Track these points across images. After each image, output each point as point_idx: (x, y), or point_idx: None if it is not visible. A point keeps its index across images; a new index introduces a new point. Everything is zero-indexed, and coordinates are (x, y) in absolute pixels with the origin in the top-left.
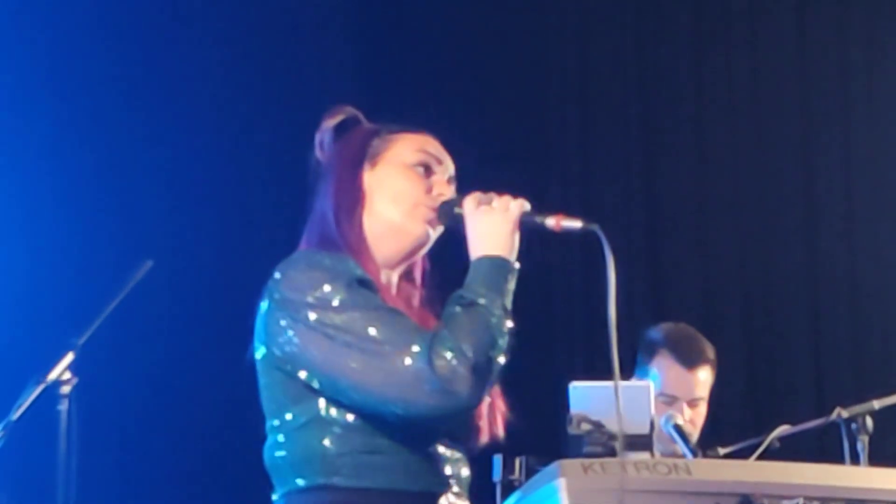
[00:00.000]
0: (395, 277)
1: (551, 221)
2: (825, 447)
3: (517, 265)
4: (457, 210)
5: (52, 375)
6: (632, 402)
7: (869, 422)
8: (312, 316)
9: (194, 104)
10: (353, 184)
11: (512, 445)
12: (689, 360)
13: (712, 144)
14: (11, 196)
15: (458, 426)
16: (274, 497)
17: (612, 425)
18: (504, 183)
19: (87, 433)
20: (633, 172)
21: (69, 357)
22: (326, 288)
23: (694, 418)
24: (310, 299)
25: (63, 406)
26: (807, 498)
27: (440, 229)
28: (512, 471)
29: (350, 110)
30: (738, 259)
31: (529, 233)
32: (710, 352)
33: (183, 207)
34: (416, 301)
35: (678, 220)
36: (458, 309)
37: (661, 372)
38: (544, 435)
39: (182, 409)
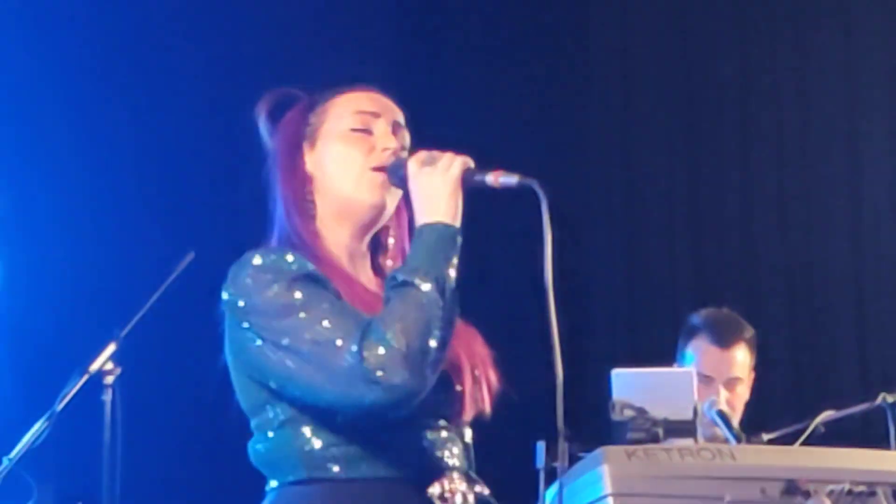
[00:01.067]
0: (363, 247)
1: (490, 178)
2: (870, 432)
3: (457, 227)
4: (402, 172)
5: (96, 366)
6: (675, 388)
7: None
8: (259, 322)
9: (234, 95)
10: (294, 172)
11: (554, 432)
12: (724, 340)
13: (757, 129)
14: (54, 188)
15: (441, 404)
16: (268, 487)
17: (655, 411)
18: (544, 174)
19: (131, 423)
20: (677, 159)
21: (112, 348)
22: (271, 292)
23: (731, 400)
24: (256, 304)
25: (107, 396)
26: (853, 482)
27: (398, 191)
28: (555, 457)
29: (281, 92)
30: (782, 244)
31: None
32: (747, 332)
33: (225, 198)
34: (387, 269)
35: (722, 207)
36: (390, 292)
37: (697, 353)
38: (587, 421)
39: (224, 400)
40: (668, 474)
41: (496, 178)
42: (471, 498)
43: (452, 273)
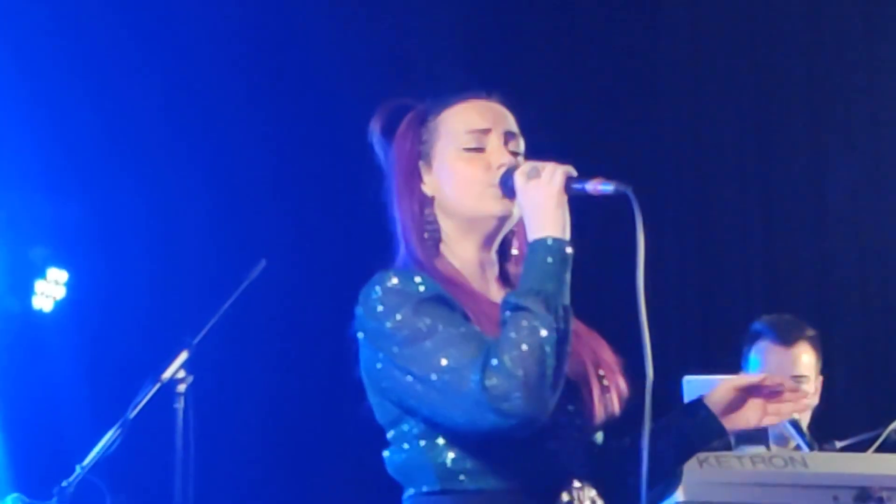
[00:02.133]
0: (492, 256)
1: (590, 186)
2: None
3: (567, 239)
4: (511, 184)
5: (168, 374)
6: None
7: None
8: (389, 347)
9: (308, 102)
10: (412, 196)
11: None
12: (786, 339)
13: (829, 132)
14: (128, 197)
15: (568, 412)
16: (404, 496)
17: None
18: (615, 175)
19: (203, 431)
20: (748, 164)
21: (184, 356)
22: (397, 316)
23: None
24: (385, 329)
25: (179, 404)
26: None
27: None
28: None
29: (394, 105)
30: (856, 250)
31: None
32: (809, 331)
33: (296, 207)
34: (514, 277)
35: (794, 212)
36: (507, 315)
37: (761, 355)
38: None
39: (295, 408)
40: (740, 481)
41: (595, 186)
42: (599, 503)
43: (565, 289)
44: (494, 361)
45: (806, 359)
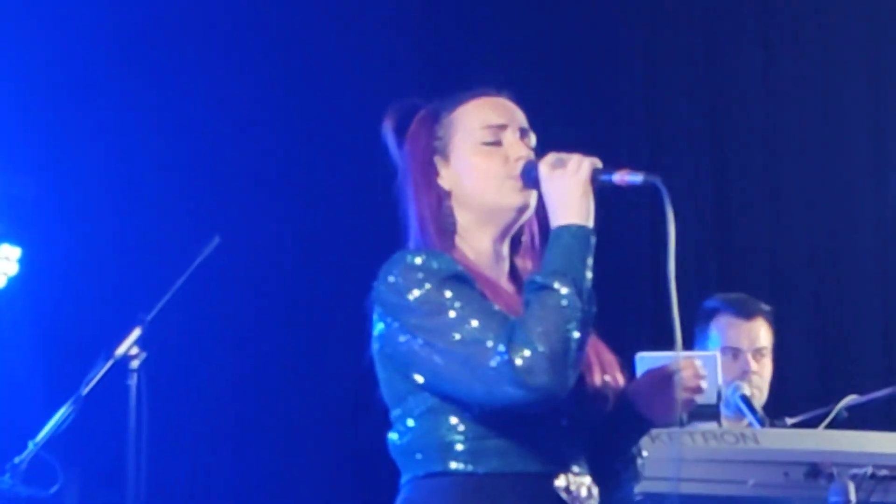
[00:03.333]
0: (505, 249)
1: (617, 177)
2: (893, 417)
3: (592, 228)
4: (534, 174)
5: (121, 350)
6: None
7: None
8: (409, 320)
9: (260, 81)
10: (429, 190)
11: None
12: (746, 312)
13: (781, 110)
14: (78, 172)
15: (570, 400)
16: (401, 481)
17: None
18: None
19: (157, 407)
20: (701, 143)
21: (137, 332)
22: (421, 290)
23: (760, 370)
24: (406, 302)
25: (132, 381)
26: (875, 466)
27: (534, 191)
28: None
29: (405, 104)
30: (808, 229)
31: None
32: (765, 307)
33: (250, 183)
34: (528, 270)
35: (746, 191)
36: (531, 295)
37: (721, 330)
38: None
39: (249, 384)
40: (692, 458)
41: (622, 178)
42: (594, 491)
43: (589, 274)
44: (521, 336)
45: (764, 332)
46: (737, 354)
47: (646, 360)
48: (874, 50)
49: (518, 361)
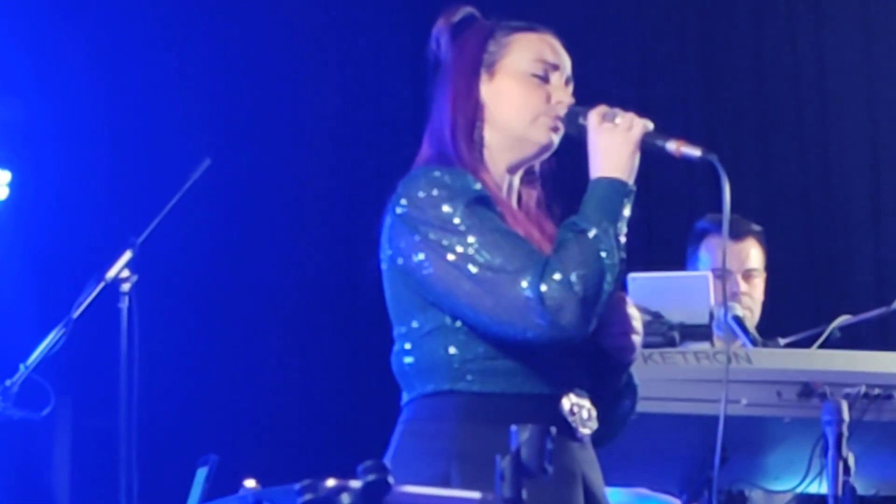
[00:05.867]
0: (516, 181)
1: (672, 146)
2: (886, 336)
3: (634, 188)
4: (581, 121)
5: (112, 273)
6: (691, 292)
7: None
8: (432, 236)
9: (249, 9)
10: (468, 98)
11: None
12: (736, 233)
13: (772, 48)
14: (68, 95)
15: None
16: (402, 401)
17: (671, 315)
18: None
19: (148, 330)
20: (692, 80)
21: (128, 255)
22: (446, 208)
23: (750, 291)
24: (429, 218)
25: (123, 304)
26: (868, 385)
27: (561, 134)
28: None
29: (467, 9)
30: (799, 153)
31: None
32: (756, 227)
33: (241, 105)
34: (534, 202)
35: (738, 118)
36: (570, 235)
37: (710, 251)
38: None
39: (240, 306)
40: (684, 378)
41: (678, 147)
42: (593, 413)
43: (624, 228)
44: (557, 275)
45: (755, 253)
46: (727, 276)
47: (638, 280)
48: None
49: (550, 297)
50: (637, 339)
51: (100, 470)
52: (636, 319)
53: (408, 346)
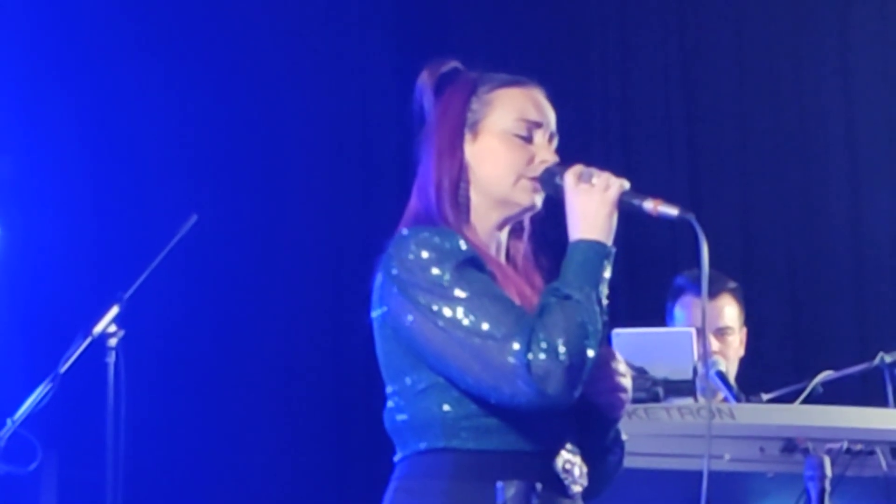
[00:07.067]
0: (504, 236)
1: (650, 205)
2: (868, 392)
3: (613, 249)
4: (557, 180)
5: (99, 328)
6: (675, 348)
7: None
8: (422, 299)
9: (235, 64)
10: (452, 159)
11: None
12: (709, 291)
13: (754, 101)
14: (57, 151)
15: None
16: (396, 458)
17: (655, 371)
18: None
19: (134, 385)
20: (675, 128)
21: (115, 310)
22: (435, 271)
23: (723, 349)
24: (419, 281)
25: (110, 359)
26: (851, 441)
27: (544, 194)
28: None
29: (450, 63)
30: (782, 206)
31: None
32: (731, 284)
33: (226, 162)
34: (521, 256)
35: (721, 170)
36: (553, 300)
37: (686, 308)
38: None
39: (226, 361)
40: (668, 433)
41: (655, 207)
42: (584, 469)
43: (606, 290)
44: (543, 344)
45: (729, 311)
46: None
47: (622, 336)
48: (844, 44)
49: (537, 366)
50: (626, 396)
51: None
52: (625, 376)
53: (400, 403)
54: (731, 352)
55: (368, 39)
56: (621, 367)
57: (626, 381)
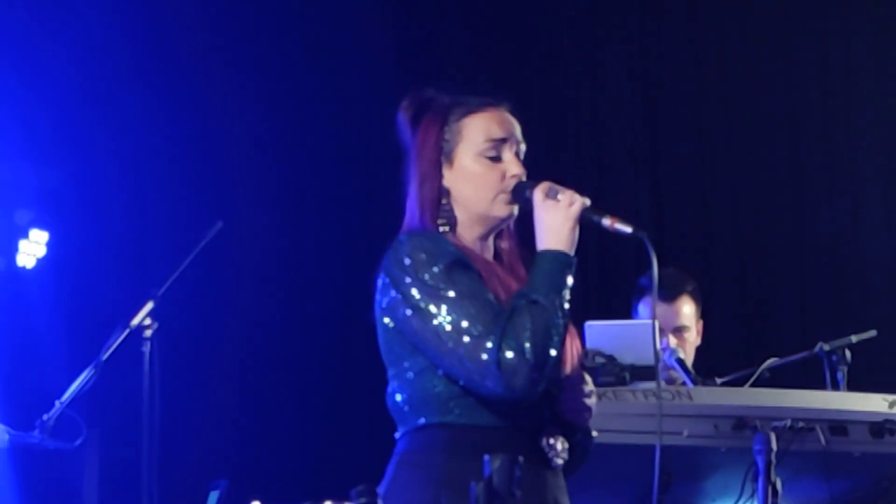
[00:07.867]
0: (490, 240)
1: (607, 221)
2: (809, 377)
3: (575, 259)
4: (528, 194)
5: (136, 321)
6: (639, 338)
7: (847, 354)
8: (416, 297)
9: (257, 77)
10: (433, 185)
11: None
12: (669, 295)
13: (710, 119)
14: (101, 166)
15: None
16: (396, 435)
17: (622, 358)
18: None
19: (167, 371)
20: (640, 142)
21: (150, 305)
22: (427, 272)
23: (681, 345)
24: (413, 281)
25: (146, 348)
26: (794, 419)
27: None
28: None
29: (420, 95)
30: (734, 212)
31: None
32: (689, 285)
33: (250, 172)
34: (506, 253)
35: (681, 179)
36: (522, 303)
37: (647, 307)
38: None
39: (250, 350)
40: (634, 412)
41: (612, 223)
42: (566, 445)
43: (568, 295)
44: (513, 342)
45: (687, 310)
46: (660, 333)
47: (594, 327)
48: (787, 52)
49: (504, 362)
50: (590, 413)
51: (124, 493)
52: (590, 397)
53: (399, 384)
54: (688, 345)
55: (372, 61)
56: (588, 387)
57: (592, 401)
